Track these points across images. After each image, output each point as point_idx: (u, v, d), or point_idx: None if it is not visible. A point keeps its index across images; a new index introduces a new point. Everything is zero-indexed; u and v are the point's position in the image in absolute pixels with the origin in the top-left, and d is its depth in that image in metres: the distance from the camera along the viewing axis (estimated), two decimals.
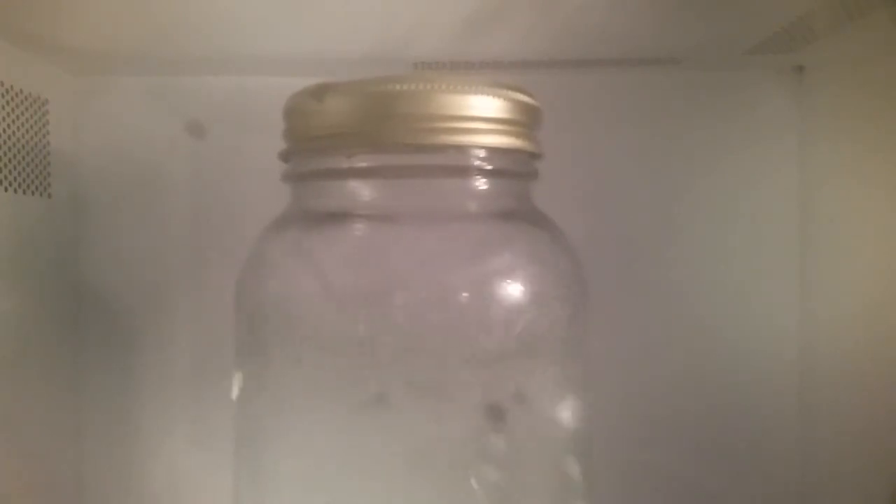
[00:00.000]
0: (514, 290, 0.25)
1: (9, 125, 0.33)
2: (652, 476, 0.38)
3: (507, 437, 0.25)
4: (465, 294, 0.24)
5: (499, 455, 0.25)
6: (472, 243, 0.26)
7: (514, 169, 0.27)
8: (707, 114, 0.38)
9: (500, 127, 0.25)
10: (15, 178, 0.34)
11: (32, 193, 0.35)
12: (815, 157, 0.37)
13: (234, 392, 0.27)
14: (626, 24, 0.32)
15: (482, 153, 0.25)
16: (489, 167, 0.25)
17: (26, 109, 0.35)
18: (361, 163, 0.25)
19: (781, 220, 0.38)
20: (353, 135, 0.25)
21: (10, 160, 0.33)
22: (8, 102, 0.33)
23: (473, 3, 0.30)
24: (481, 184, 0.26)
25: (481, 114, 0.25)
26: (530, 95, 0.26)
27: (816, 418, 0.37)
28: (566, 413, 0.26)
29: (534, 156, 0.27)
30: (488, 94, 0.25)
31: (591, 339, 0.27)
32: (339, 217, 0.26)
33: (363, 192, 0.26)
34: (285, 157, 0.28)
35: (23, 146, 0.34)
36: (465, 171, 0.25)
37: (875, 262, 0.32)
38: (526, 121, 0.26)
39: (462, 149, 0.25)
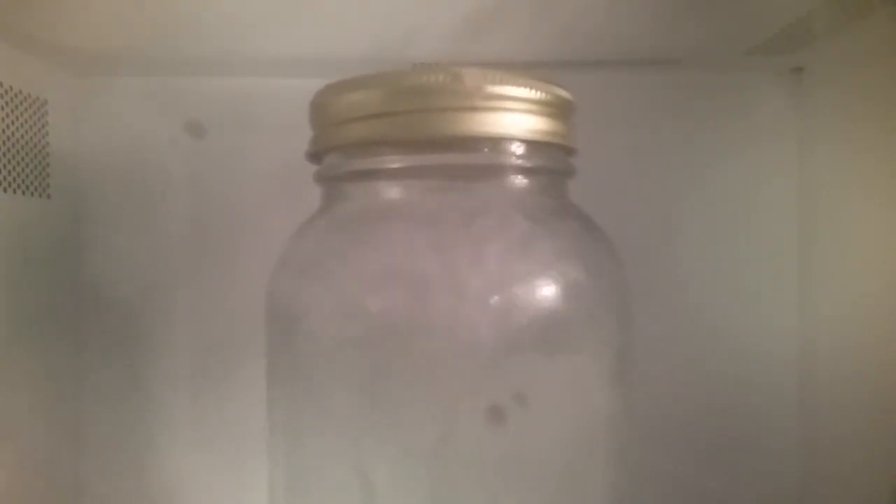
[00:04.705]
0: (555, 289, 0.24)
1: (8, 126, 0.33)
2: (651, 476, 0.38)
3: (552, 434, 0.24)
4: (506, 294, 0.23)
5: (542, 453, 0.24)
6: (513, 242, 0.25)
7: (554, 165, 0.26)
8: (707, 114, 0.38)
9: (543, 122, 0.24)
10: (14, 179, 0.34)
11: (32, 194, 0.35)
12: (814, 157, 0.37)
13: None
14: (625, 24, 0.32)
15: (523, 150, 0.25)
16: (531, 164, 0.25)
17: (26, 110, 0.35)
18: (395, 163, 0.24)
19: (781, 220, 0.38)
20: (387, 133, 0.24)
21: (9, 161, 0.33)
22: (7, 103, 0.33)
23: (473, 3, 0.30)
24: (522, 181, 0.25)
25: (524, 108, 0.24)
26: (565, 89, 0.26)
27: (816, 418, 0.37)
28: (606, 410, 0.25)
29: (570, 151, 0.27)
30: (532, 89, 0.24)
31: None
32: (371, 217, 0.25)
33: (398, 192, 0.25)
34: (314, 158, 0.27)
35: (22, 147, 0.34)
36: (507, 169, 0.25)
37: (875, 262, 0.32)
38: (566, 115, 0.26)
39: (504, 145, 0.24)
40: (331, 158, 0.26)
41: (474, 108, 0.23)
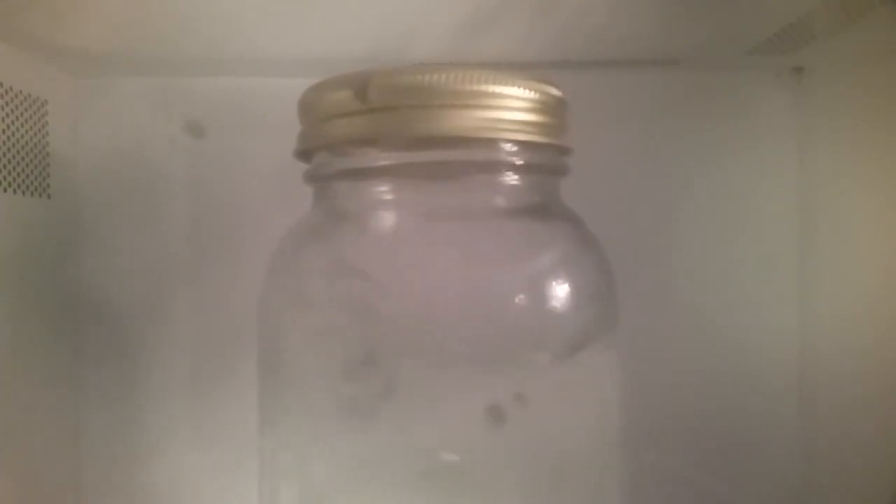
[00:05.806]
0: (546, 288, 0.24)
1: (8, 126, 0.33)
2: (651, 476, 0.38)
3: (544, 433, 0.24)
4: (498, 294, 0.23)
5: (538, 454, 0.24)
6: (505, 242, 0.25)
7: (545, 164, 0.26)
8: (707, 114, 0.38)
9: (533, 120, 0.24)
10: (14, 179, 0.33)
11: (32, 194, 0.35)
12: (814, 157, 0.37)
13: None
14: (625, 25, 0.32)
15: (514, 148, 0.24)
16: (521, 162, 0.25)
17: (26, 110, 0.35)
18: (384, 161, 0.24)
19: (781, 220, 0.38)
20: (376, 130, 0.24)
21: (9, 161, 0.33)
22: (7, 103, 0.33)
23: (473, 3, 0.30)
24: (513, 180, 0.25)
25: (514, 106, 0.24)
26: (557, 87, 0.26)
27: (816, 418, 0.37)
28: (599, 409, 0.26)
29: (561, 150, 0.26)
30: (522, 87, 0.24)
31: None
32: (360, 216, 0.25)
33: (390, 190, 0.25)
34: (303, 156, 0.26)
35: (22, 147, 0.34)
36: (498, 167, 0.25)
37: (875, 262, 0.32)
38: (556, 113, 0.25)
39: (495, 143, 0.24)
40: (319, 157, 0.26)
41: (463, 106, 0.23)
